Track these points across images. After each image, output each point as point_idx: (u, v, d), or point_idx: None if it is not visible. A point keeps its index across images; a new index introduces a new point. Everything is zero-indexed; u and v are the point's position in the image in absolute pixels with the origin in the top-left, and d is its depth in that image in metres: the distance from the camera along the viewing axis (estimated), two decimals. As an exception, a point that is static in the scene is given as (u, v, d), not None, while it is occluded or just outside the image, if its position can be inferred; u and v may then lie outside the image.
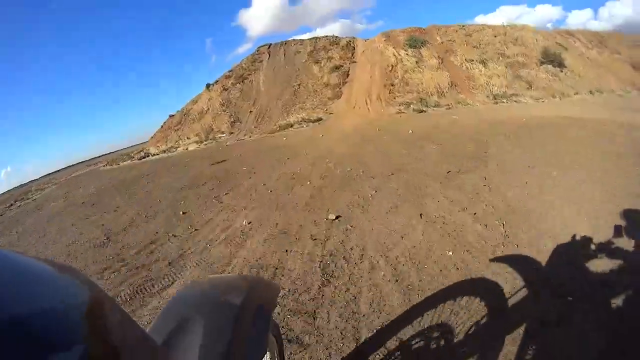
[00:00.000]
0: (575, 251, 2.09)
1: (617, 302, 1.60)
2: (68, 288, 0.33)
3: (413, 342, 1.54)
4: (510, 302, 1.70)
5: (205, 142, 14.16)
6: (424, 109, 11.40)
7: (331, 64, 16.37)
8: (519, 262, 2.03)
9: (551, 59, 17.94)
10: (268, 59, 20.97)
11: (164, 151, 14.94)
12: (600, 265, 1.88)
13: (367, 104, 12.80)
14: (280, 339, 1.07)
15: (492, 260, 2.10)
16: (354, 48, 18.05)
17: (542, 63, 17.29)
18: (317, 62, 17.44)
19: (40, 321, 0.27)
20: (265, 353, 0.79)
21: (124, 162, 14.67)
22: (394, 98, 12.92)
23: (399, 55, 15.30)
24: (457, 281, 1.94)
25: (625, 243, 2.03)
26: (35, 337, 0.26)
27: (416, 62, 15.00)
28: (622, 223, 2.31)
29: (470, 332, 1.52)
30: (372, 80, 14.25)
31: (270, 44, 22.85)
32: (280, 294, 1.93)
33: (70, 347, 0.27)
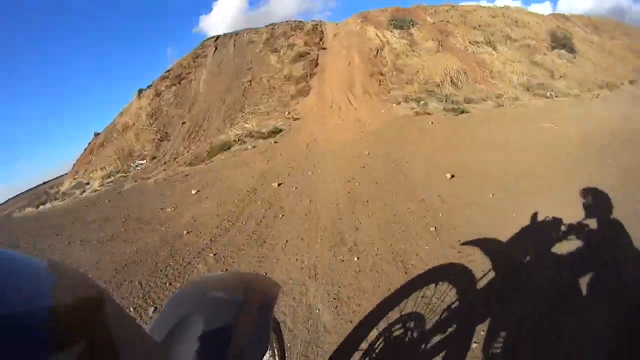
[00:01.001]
0: None
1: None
2: (67, 287, 0.32)
3: None
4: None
5: (119, 175, 9.05)
6: (459, 108, 7.14)
7: (294, 51, 11.94)
8: None
9: (562, 43, 14.83)
10: (214, 53, 16.16)
11: (74, 188, 9.54)
12: None
13: (350, 100, 8.47)
14: (281, 335, 1.06)
15: None
16: (322, 32, 13.77)
17: (553, 48, 14.16)
18: (275, 51, 12.95)
19: (38, 320, 0.26)
20: (267, 350, 0.75)
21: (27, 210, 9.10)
22: (388, 91, 8.70)
23: (384, 37, 11.21)
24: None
25: None
26: (33, 335, 0.25)
27: (409, 45, 10.96)
28: None
29: None
30: (352, 69, 9.98)
31: (219, 36, 18.09)
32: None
33: (68, 346, 0.27)
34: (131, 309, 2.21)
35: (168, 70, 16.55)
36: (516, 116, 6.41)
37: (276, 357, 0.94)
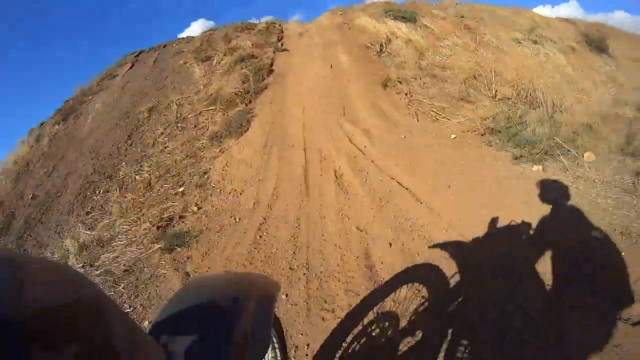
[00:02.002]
0: None
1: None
2: (65, 287, 0.32)
3: None
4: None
5: None
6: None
7: (233, 56, 6.90)
8: None
9: (599, 46, 11.10)
10: (127, 71, 10.87)
11: None
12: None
13: (356, 144, 3.58)
14: (282, 332, 1.06)
15: None
16: (282, 32, 8.96)
17: (592, 51, 10.47)
18: (205, 60, 7.83)
19: (35, 320, 0.26)
20: (268, 348, 0.78)
21: None
22: (435, 116, 3.71)
23: (388, 27, 6.50)
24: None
25: None
26: (30, 336, 0.25)
27: (435, 37, 6.29)
28: None
29: None
30: (339, 75, 5.01)
31: (143, 50, 12.93)
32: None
33: (66, 346, 0.26)
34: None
35: (68, 100, 10.90)
36: None
37: (277, 354, 0.93)
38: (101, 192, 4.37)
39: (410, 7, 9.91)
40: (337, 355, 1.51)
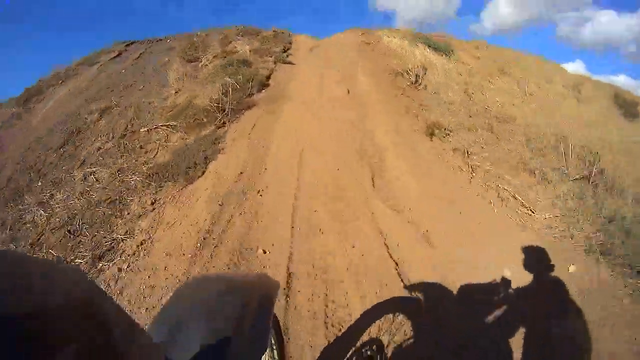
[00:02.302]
0: None
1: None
2: (64, 286, 0.31)
3: None
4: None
5: None
6: None
7: (223, 60, 5.45)
8: None
9: (629, 109, 10.43)
10: (108, 60, 9.47)
11: None
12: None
13: (424, 242, 1.92)
14: (281, 333, 1.03)
15: None
16: (290, 43, 7.66)
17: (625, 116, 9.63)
18: (191, 61, 6.42)
19: (34, 320, 0.25)
20: (267, 348, 0.76)
21: None
22: (515, 186, 2.20)
23: (424, 54, 5.19)
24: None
25: None
26: (27, 336, 0.24)
27: (480, 77, 4.97)
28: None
29: None
30: (359, 105, 3.52)
31: (136, 41, 11.61)
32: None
33: (65, 346, 0.26)
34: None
35: (40, 80, 9.33)
36: None
37: (275, 354, 0.93)
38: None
39: (440, 39, 8.78)
40: None
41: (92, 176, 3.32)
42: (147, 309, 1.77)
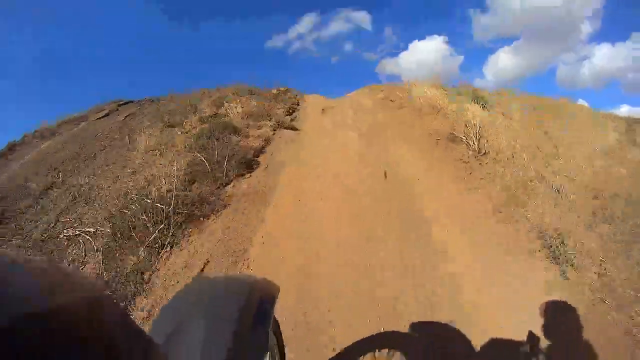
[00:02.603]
0: None
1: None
2: (65, 287, 0.30)
3: None
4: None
5: None
6: None
7: (202, 127, 4.22)
8: None
9: None
10: (94, 120, 8.68)
11: None
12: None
13: None
14: (281, 335, 1.04)
15: None
16: (297, 103, 6.65)
17: None
18: (171, 126, 5.25)
19: (34, 323, 0.24)
20: (267, 351, 0.74)
21: None
22: None
23: (471, 111, 3.98)
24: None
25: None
26: (28, 340, 0.23)
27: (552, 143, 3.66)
28: None
29: None
30: (410, 195, 2.06)
31: (132, 101, 11.10)
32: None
33: (65, 348, 0.26)
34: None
35: (26, 135, 8.44)
36: None
37: (276, 358, 0.91)
38: None
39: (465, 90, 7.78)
40: None
41: None
42: None
